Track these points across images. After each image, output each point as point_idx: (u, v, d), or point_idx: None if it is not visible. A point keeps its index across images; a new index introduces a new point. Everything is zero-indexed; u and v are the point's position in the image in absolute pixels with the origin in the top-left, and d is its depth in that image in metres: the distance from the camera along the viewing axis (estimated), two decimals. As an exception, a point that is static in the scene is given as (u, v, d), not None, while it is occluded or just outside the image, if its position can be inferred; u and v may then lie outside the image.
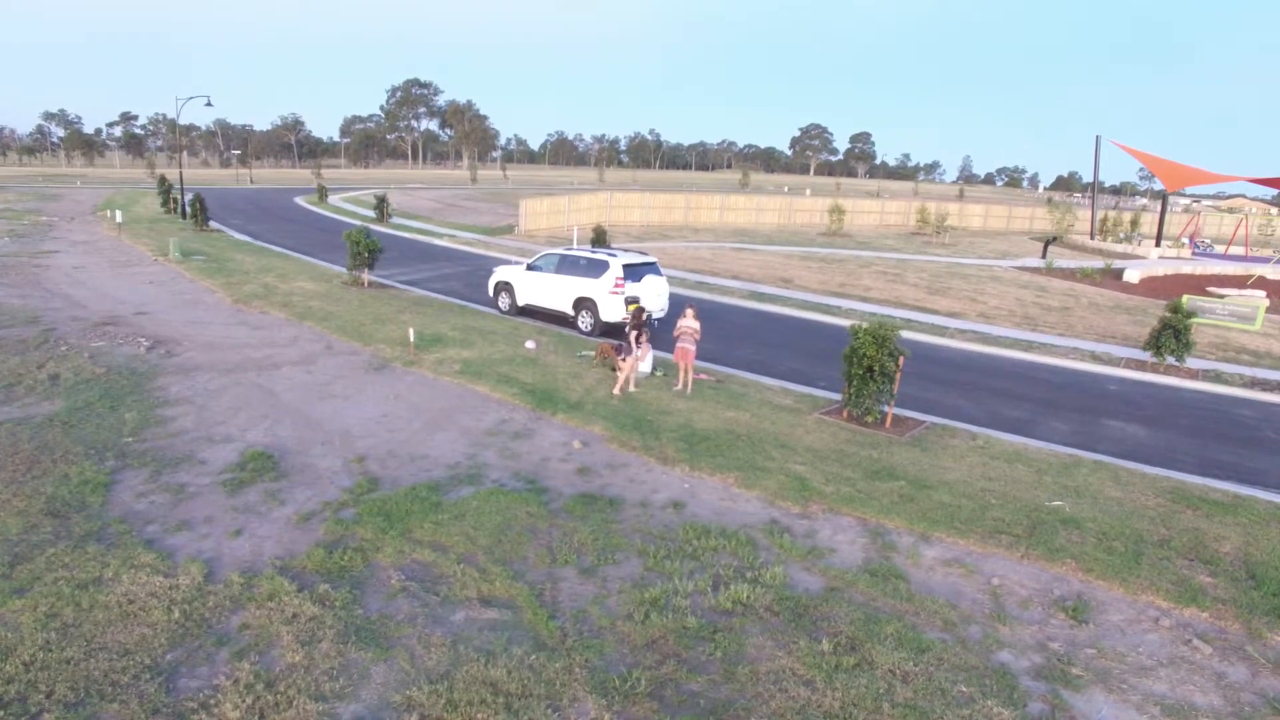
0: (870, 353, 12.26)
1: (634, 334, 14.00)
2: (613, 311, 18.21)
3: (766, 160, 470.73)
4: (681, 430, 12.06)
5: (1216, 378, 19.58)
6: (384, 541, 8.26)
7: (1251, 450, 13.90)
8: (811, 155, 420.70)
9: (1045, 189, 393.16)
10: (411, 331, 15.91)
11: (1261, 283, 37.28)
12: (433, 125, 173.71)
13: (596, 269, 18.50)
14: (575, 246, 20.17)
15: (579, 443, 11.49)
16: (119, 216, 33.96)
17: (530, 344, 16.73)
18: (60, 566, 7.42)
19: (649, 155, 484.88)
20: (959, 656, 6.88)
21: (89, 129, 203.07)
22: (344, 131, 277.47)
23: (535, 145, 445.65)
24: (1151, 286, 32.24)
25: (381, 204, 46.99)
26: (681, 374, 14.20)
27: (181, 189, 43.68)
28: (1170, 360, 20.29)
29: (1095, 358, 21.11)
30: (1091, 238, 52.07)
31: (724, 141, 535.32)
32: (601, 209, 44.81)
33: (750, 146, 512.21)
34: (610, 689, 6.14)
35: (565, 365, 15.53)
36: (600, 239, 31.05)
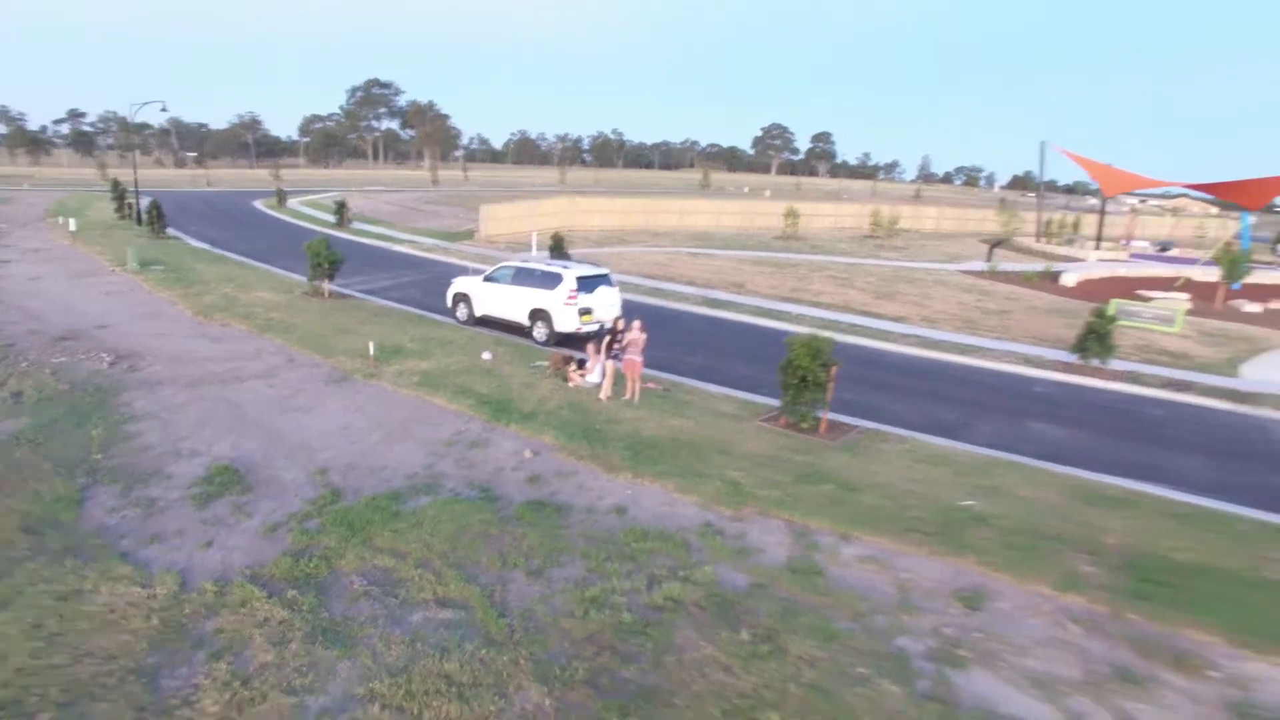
0: (804, 363, 13.19)
1: (608, 341, 14.89)
2: (567, 322, 18.95)
3: (729, 159, 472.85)
4: (628, 439, 12.86)
5: (1135, 379, 20.94)
6: (346, 549, 8.93)
7: (1154, 448, 15.13)
8: (773, 155, 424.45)
9: (1001, 188, 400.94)
10: (371, 345, 16.50)
11: (1188, 285, 39.23)
12: (394, 125, 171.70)
13: (551, 281, 19.22)
14: (531, 258, 20.82)
15: (530, 452, 12.24)
16: (73, 224, 33.75)
17: (486, 355, 17.40)
18: (40, 580, 7.98)
19: (612, 155, 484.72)
20: (863, 643, 7.78)
21: (34, 126, 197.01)
22: (303, 131, 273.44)
23: (498, 144, 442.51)
24: (1087, 290, 33.84)
25: (341, 209, 47.08)
26: (630, 384, 15.00)
27: (137, 194, 43.34)
28: (1095, 362, 21.61)
29: (1027, 360, 22.39)
30: (1037, 240, 54.05)
31: (687, 140, 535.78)
32: (562, 214, 45.44)
33: (713, 145, 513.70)
34: (551, 678, 6.92)
35: (520, 375, 16.24)
36: (558, 246, 31.66)
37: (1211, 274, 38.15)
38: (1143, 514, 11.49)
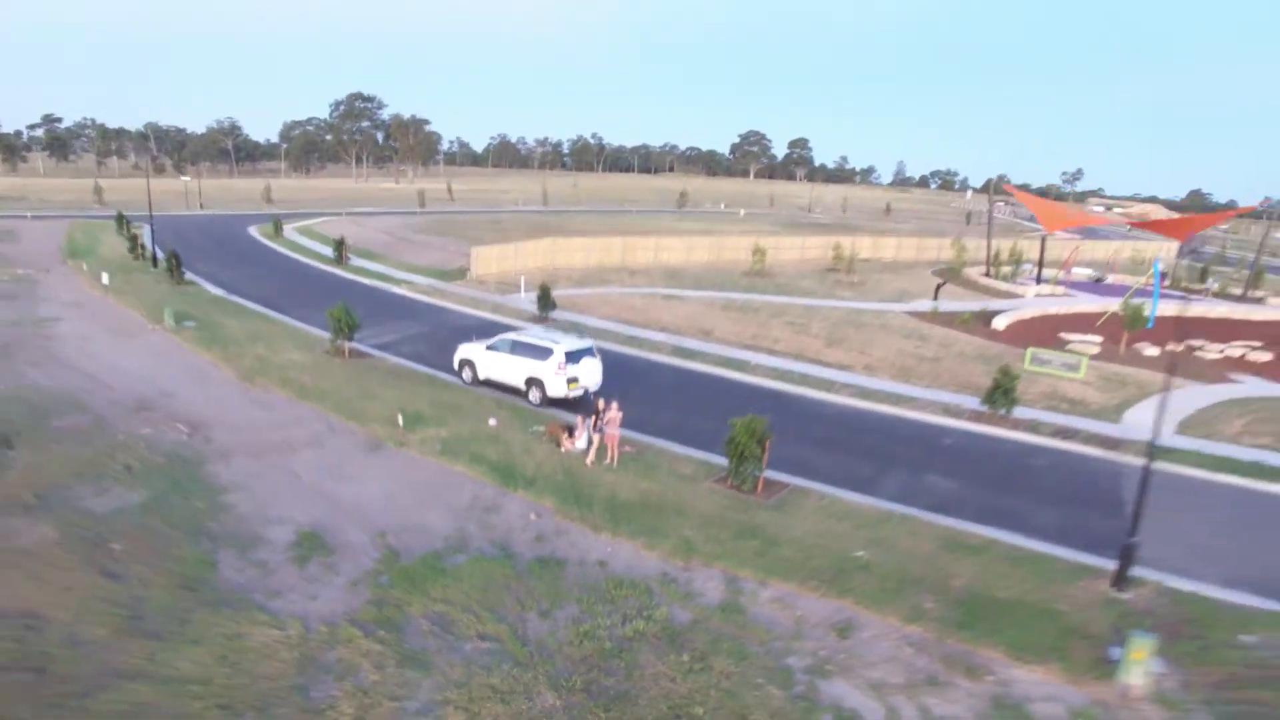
0: (743, 440, 17.18)
1: (594, 418, 18.78)
2: (557, 389, 22.84)
3: (708, 163, 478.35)
4: (608, 502, 16.78)
5: (1032, 428, 25.14)
6: (412, 599, 12.79)
7: (1023, 497, 19.28)
8: (751, 161, 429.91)
9: (973, 192, 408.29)
10: (400, 417, 20.29)
11: (1114, 320, 43.75)
12: (378, 136, 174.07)
13: (544, 354, 23.10)
14: (526, 332, 24.52)
15: (534, 515, 16.13)
16: (105, 278, 37.00)
17: (492, 421, 21.24)
18: (211, 625, 11.76)
19: (592, 158, 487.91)
20: (764, 661, 11.77)
21: (7, 129, 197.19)
22: (284, 136, 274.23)
23: (478, 147, 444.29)
24: (1015, 333, 38.18)
25: (339, 246, 50.58)
26: (610, 451, 18.92)
27: (153, 235, 46.55)
28: (1001, 412, 25.81)
29: (946, 410, 26.55)
30: (988, 270, 58.55)
31: (666, 145, 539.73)
32: (545, 253, 49.24)
33: (692, 149, 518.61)
34: (560, 687, 10.83)
35: (520, 440, 20.11)
36: (545, 296, 35.51)
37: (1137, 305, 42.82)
38: (988, 559, 15.59)
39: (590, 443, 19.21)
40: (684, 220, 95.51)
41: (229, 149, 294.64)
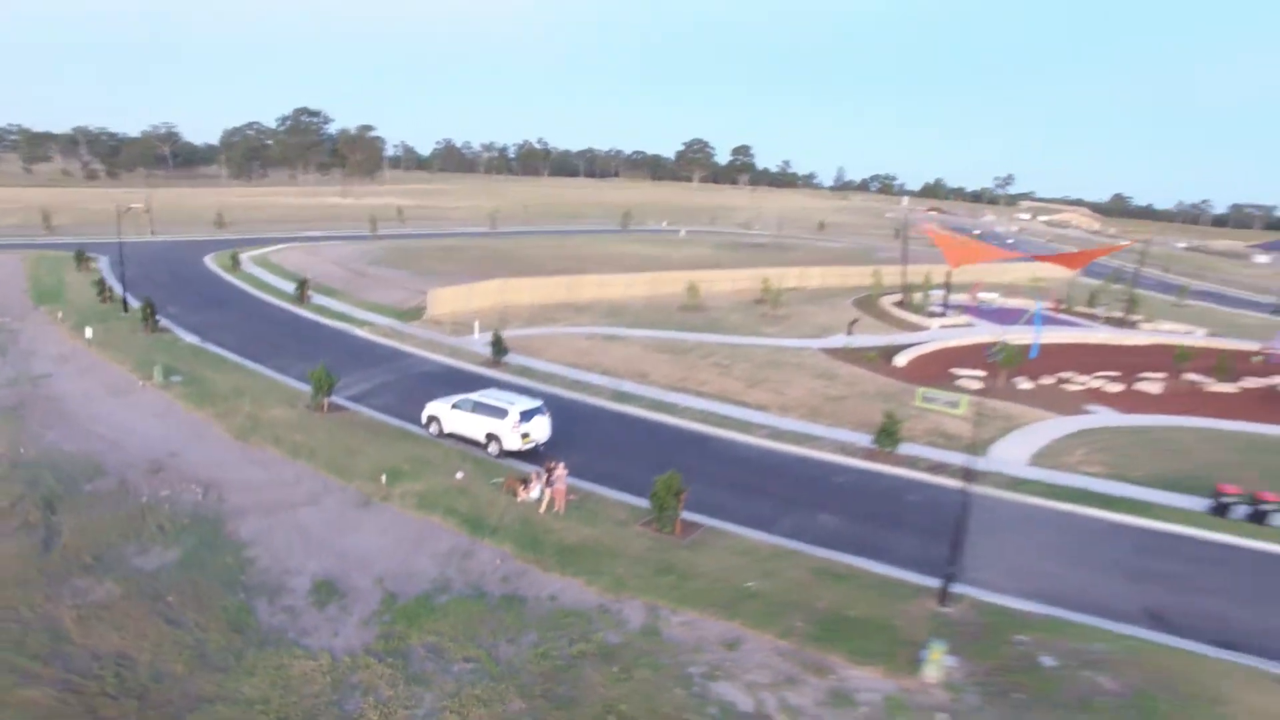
0: (663, 494, 21.75)
1: (545, 475, 23.14)
2: (512, 443, 27.10)
3: (653, 167, 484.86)
4: (556, 546, 21.18)
5: (912, 464, 30.27)
6: (410, 632, 17.00)
7: (893, 529, 24.21)
8: (695, 168, 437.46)
9: (910, 195, 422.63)
10: (384, 476, 24.35)
11: (1012, 345, 49.70)
12: (325, 150, 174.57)
13: (501, 413, 27.34)
14: (488, 394, 28.61)
15: (499, 560, 20.44)
16: (89, 332, 39.78)
17: (459, 474, 25.42)
18: (261, 659, 15.81)
19: (538, 163, 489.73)
20: (673, 671, 16.33)
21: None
22: (225, 144, 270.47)
23: (423, 150, 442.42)
24: (914, 369, 43.68)
25: (302, 287, 53.76)
26: (558, 502, 23.31)
27: (124, 280, 49.10)
28: (888, 450, 30.90)
29: (843, 449, 31.55)
30: (903, 298, 64.44)
31: (612, 149, 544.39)
32: (497, 293, 53.25)
33: (638, 153, 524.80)
34: (526, 695, 15.22)
35: (484, 493, 24.35)
36: (498, 343, 39.65)
37: (1027, 335, 48.98)
38: (850, 585, 20.45)
39: (542, 494, 23.56)
40: (628, 243, 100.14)
41: (166, 155, 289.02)
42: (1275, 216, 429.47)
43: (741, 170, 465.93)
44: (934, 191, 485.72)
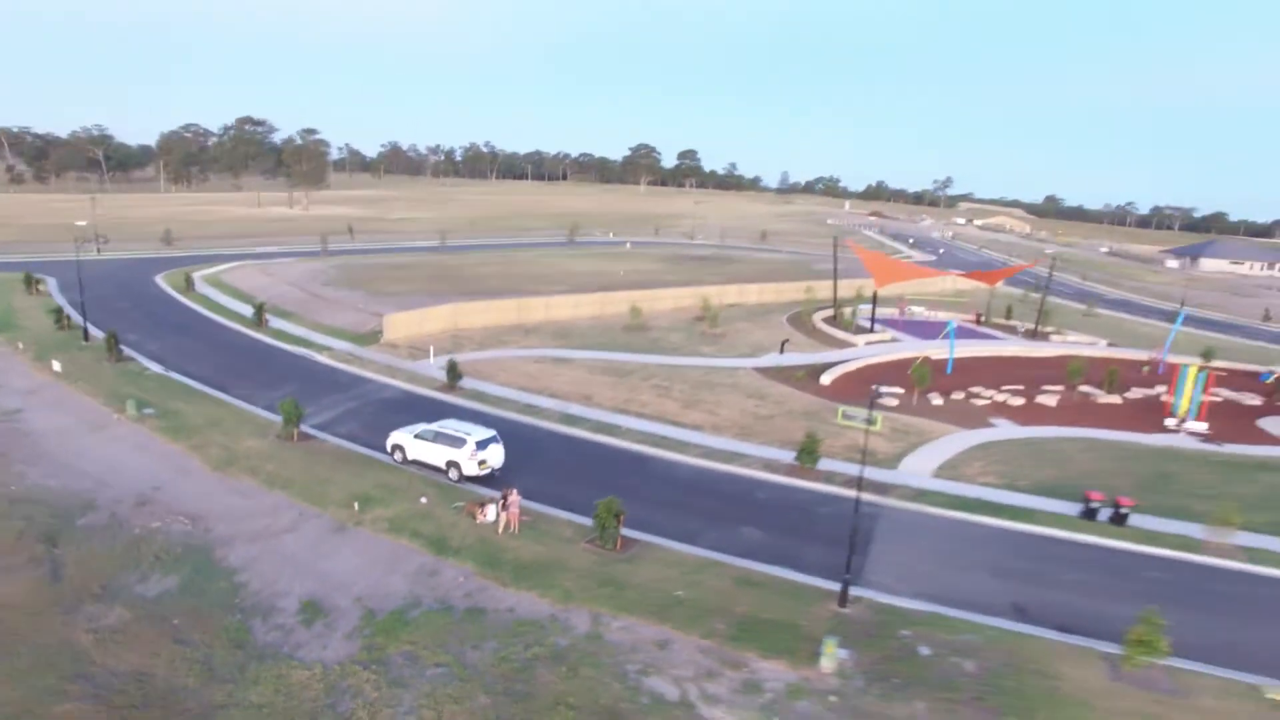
0: (605, 516, 25.05)
1: (501, 500, 26.21)
2: (471, 469, 30.07)
3: (600, 170, 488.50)
4: (512, 563, 24.31)
5: (829, 479, 34.06)
6: (389, 643, 19.97)
7: (805, 540, 27.88)
8: (642, 173, 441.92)
9: (853, 198, 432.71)
10: (356, 504, 27.14)
11: (927, 363, 54.24)
12: (271, 161, 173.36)
13: (459, 442, 30.29)
14: (447, 425, 31.47)
15: (462, 577, 23.49)
16: (57, 365, 41.32)
17: (423, 499, 28.33)
18: (262, 670, 18.62)
19: (485, 166, 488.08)
20: (611, 668, 19.63)
21: None
22: (162, 148, 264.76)
23: (369, 152, 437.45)
24: (838, 388, 47.74)
25: (259, 311, 55.60)
26: (512, 524, 26.43)
27: (84, 309, 50.33)
28: (808, 466, 34.66)
29: (768, 466, 35.21)
30: (834, 317, 68.82)
31: (560, 152, 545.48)
32: (449, 317, 55.86)
33: (585, 155, 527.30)
34: (490, 692, 18.37)
35: (446, 516, 27.31)
36: (453, 369, 42.46)
37: (945, 350, 53.49)
38: (765, 591, 24.02)
39: (498, 517, 26.65)
40: (575, 258, 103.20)
41: (99, 158, 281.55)
42: (1193, 218, 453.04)
43: (688, 174, 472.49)
44: (876, 194, 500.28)
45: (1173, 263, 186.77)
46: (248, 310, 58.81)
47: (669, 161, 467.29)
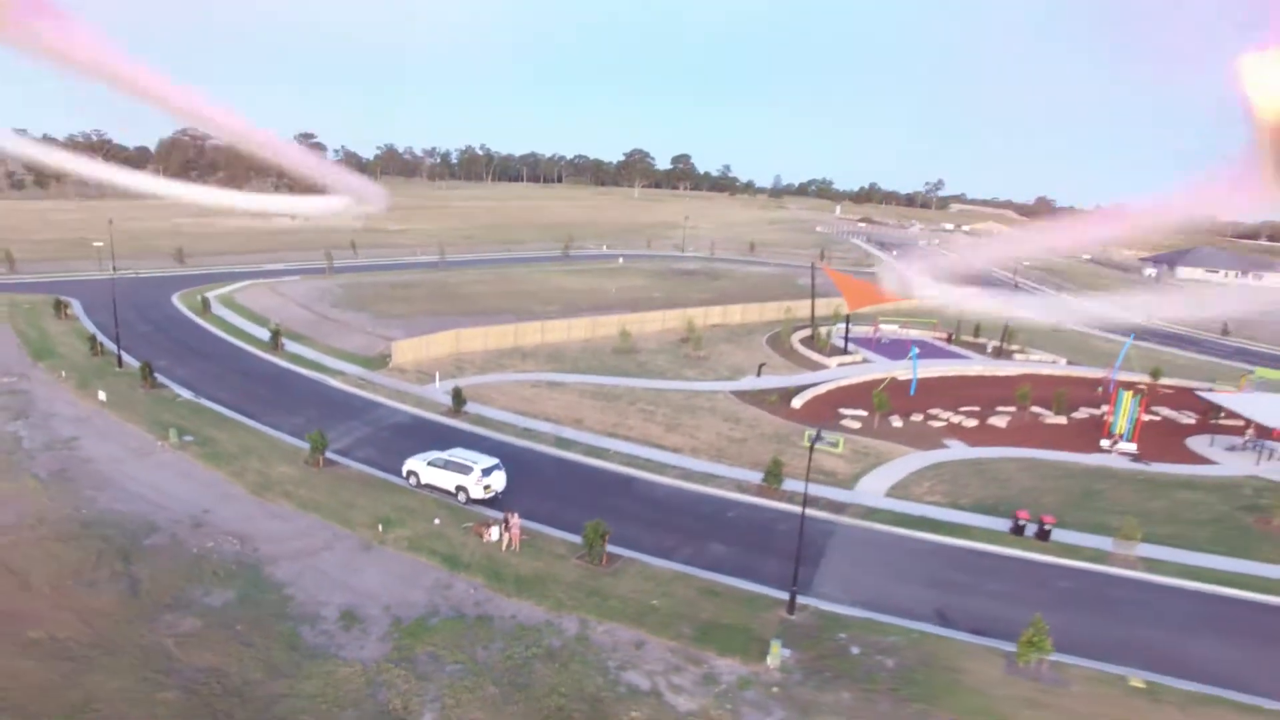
0: (592, 537, 29.67)
1: (505, 522, 30.79)
2: (478, 493, 34.66)
3: (595, 172, 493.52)
4: (514, 577, 28.89)
5: (792, 499, 38.66)
6: (415, 645, 24.55)
7: (766, 555, 32.50)
8: (636, 176, 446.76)
9: (845, 200, 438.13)
10: (380, 526, 31.69)
11: (894, 384, 58.95)
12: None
13: (467, 470, 34.88)
14: (456, 454, 36.04)
15: (472, 589, 28.07)
16: (102, 395, 45.73)
17: (436, 521, 32.89)
18: (314, 667, 23.17)
19: (480, 169, 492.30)
20: (596, 664, 24.23)
21: None
22: (160, 153, 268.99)
23: (366, 154, 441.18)
24: (808, 411, 52.43)
25: (275, 336, 60.08)
26: (514, 542, 31.03)
27: (118, 339, 54.71)
28: (774, 487, 39.28)
29: (739, 487, 39.86)
30: (812, 335, 73.47)
31: (555, 155, 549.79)
32: (452, 342, 60.41)
33: (580, 157, 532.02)
34: (498, 683, 22.95)
35: (456, 536, 31.89)
36: (458, 396, 47.03)
37: (910, 371, 58.11)
38: (726, 600, 28.66)
39: (501, 536, 31.25)
40: (568, 274, 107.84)
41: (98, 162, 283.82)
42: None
43: (681, 177, 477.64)
44: (869, 196, 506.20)
45: (1150, 271, 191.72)
46: (262, 333, 63.31)
47: (663, 164, 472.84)
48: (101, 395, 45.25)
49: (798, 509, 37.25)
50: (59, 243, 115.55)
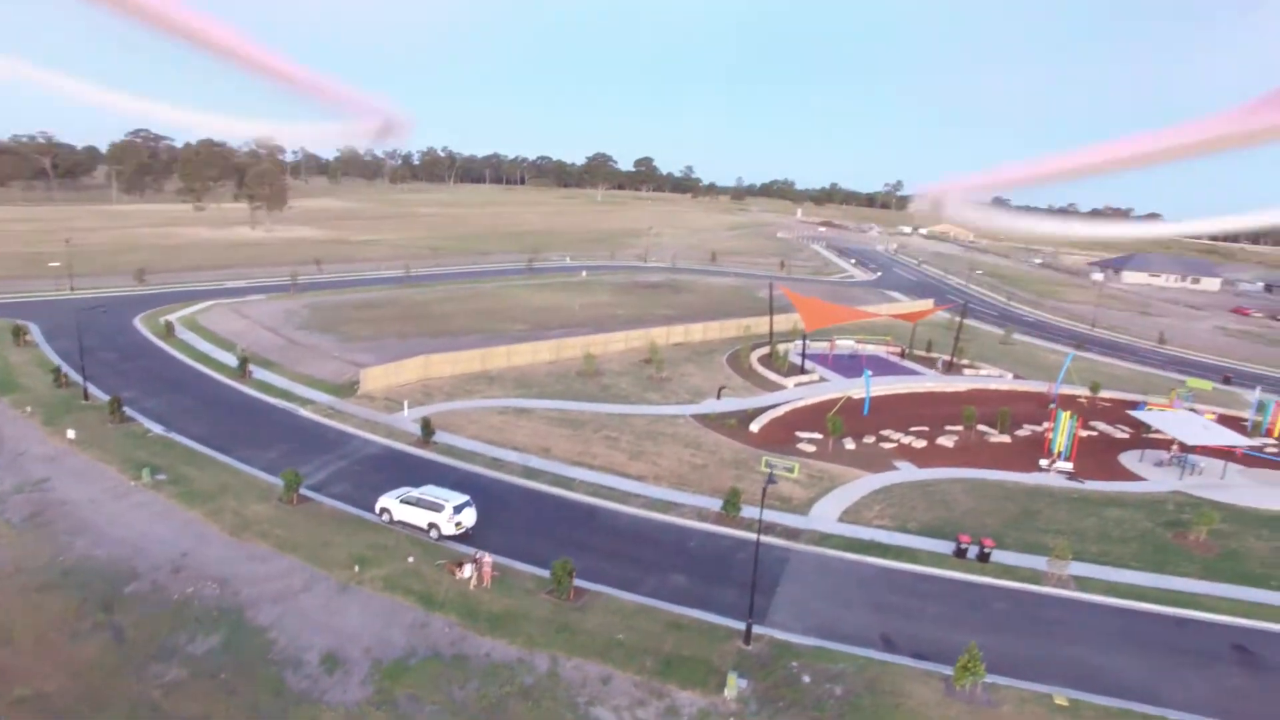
0: (560, 574, 31.42)
1: (476, 561, 32.33)
2: (449, 530, 36.17)
3: (559, 174, 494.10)
4: (487, 614, 30.50)
5: (749, 526, 40.70)
6: (395, 687, 26.07)
7: (723, 585, 34.49)
8: (599, 180, 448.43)
9: (807, 200, 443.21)
10: (357, 567, 33.05)
11: (849, 404, 61.48)
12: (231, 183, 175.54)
13: (439, 507, 36.37)
14: (428, 491, 37.49)
15: (448, 628, 29.64)
16: (71, 433, 46.18)
17: (410, 558, 34.35)
18: (300, 712, 24.56)
19: (443, 171, 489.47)
20: (566, 700, 26.00)
21: None
22: (114, 156, 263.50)
23: (326, 155, 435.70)
24: (766, 434, 54.62)
25: (243, 363, 60.69)
26: (486, 580, 32.63)
27: (84, 371, 54.90)
28: (732, 514, 41.34)
29: (699, 514, 41.86)
30: (770, 353, 75.86)
31: (518, 157, 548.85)
32: (420, 368, 61.56)
33: (544, 159, 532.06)
34: (468, 717, 24.66)
35: (430, 574, 33.38)
36: (427, 426, 48.37)
37: (864, 390, 60.67)
38: (687, 632, 30.58)
39: (473, 574, 32.84)
40: (533, 290, 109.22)
41: (47, 168, 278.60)
42: (1133, 218, 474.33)
43: (644, 179, 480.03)
44: (829, 196, 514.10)
45: (1098, 275, 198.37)
46: (229, 358, 63.85)
47: (626, 166, 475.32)
48: (70, 433, 45.72)
49: (749, 535, 39.46)
50: (11, 258, 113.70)
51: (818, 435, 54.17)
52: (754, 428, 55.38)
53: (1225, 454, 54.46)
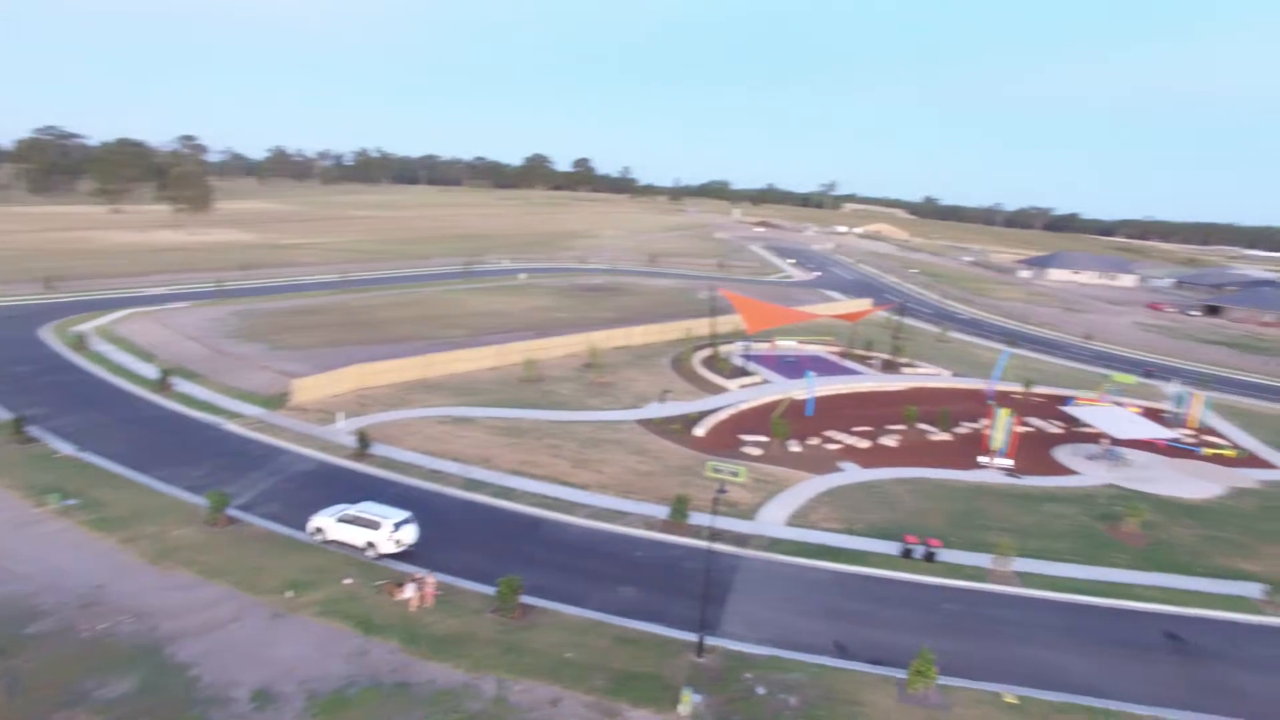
0: (506, 592, 30.27)
1: (418, 582, 30.88)
2: (388, 548, 34.59)
3: (495, 174, 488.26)
4: (429, 638, 29.14)
5: (697, 534, 40.17)
6: (331, 723, 24.62)
7: (672, 596, 33.81)
8: (537, 181, 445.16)
9: (743, 203, 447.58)
10: (290, 592, 31.25)
11: (792, 405, 61.60)
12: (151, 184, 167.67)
13: (376, 525, 34.75)
14: (365, 508, 35.79)
15: (389, 654, 28.19)
16: (-29, 455, 42.76)
17: (347, 580, 32.70)
18: (228, 756, 22.96)
19: (376, 172, 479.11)
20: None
21: None
22: (24, 153, 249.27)
23: (255, 154, 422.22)
24: (712, 438, 54.21)
25: (164, 376, 57.47)
26: (429, 599, 31.24)
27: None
28: (680, 522, 40.72)
29: (646, 523, 41.09)
30: (713, 355, 75.72)
31: (454, 158, 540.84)
32: (356, 378, 59.31)
33: (480, 159, 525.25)
34: (416, 759, 23.37)
35: (369, 596, 31.82)
36: (364, 439, 46.48)
37: (806, 391, 60.78)
38: (639, 648, 29.78)
39: (414, 594, 31.41)
40: (473, 293, 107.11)
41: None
42: (1052, 217, 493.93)
43: (583, 180, 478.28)
44: (765, 196, 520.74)
45: (1025, 272, 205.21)
46: (150, 370, 60.38)
47: (564, 167, 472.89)
48: (-32, 457, 42.40)
49: (700, 544, 38.96)
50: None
51: (763, 438, 54.06)
52: (699, 432, 54.97)
53: (1149, 446, 56.37)
